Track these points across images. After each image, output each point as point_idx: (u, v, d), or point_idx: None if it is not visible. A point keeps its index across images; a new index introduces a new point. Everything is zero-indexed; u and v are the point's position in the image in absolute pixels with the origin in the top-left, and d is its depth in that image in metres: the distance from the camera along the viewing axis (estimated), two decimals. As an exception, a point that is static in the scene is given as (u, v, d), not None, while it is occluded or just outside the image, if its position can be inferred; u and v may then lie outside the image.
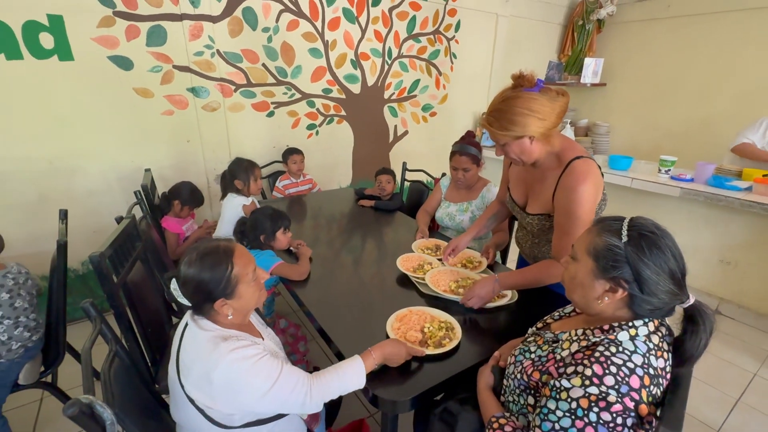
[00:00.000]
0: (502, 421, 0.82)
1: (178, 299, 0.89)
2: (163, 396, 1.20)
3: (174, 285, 0.90)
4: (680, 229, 2.58)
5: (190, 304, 0.90)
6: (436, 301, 1.32)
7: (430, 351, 1.03)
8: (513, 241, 1.65)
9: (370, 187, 2.51)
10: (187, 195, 2.12)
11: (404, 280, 1.47)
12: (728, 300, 2.53)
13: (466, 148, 1.80)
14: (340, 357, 1.04)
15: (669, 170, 2.61)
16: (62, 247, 1.46)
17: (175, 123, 2.35)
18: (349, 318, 1.25)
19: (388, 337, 1.09)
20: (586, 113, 4.34)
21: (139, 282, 1.42)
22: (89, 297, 2.25)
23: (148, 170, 2.20)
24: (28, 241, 2.06)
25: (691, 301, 0.71)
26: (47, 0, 1.89)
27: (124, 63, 2.13)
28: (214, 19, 2.32)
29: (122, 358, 0.95)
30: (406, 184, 2.70)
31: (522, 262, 1.58)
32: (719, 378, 2.00)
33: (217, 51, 2.38)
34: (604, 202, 1.26)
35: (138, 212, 1.81)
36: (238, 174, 1.99)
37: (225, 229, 1.94)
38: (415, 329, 1.13)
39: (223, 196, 2.08)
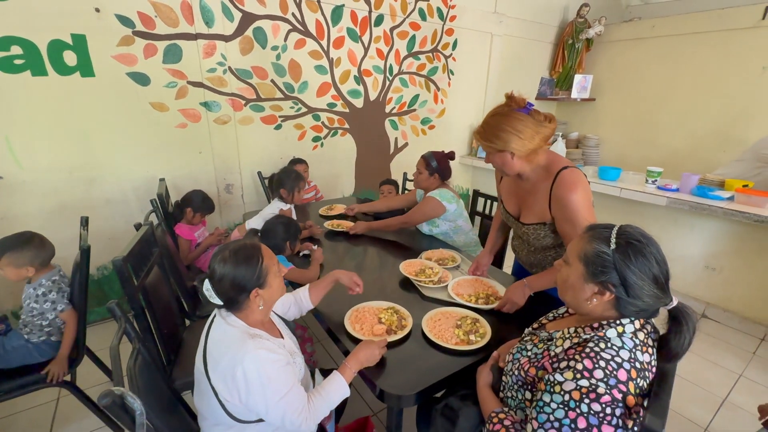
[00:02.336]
0: (501, 415, 0.90)
1: (210, 299, 0.96)
2: (182, 394, 1.29)
3: (207, 286, 0.96)
4: (667, 236, 2.72)
5: (221, 303, 0.97)
6: (438, 304, 1.42)
7: (398, 336, 1.17)
8: (509, 248, 1.76)
9: (372, 197, 2.64)
10: (199, 203, 2.23)
11: (406, 284, 1.57)
12: (714, 304, 2.65)
13: (430, 157, 2.02)
14: (347, 354, 1.11)
15: (656, 180, 2.75)
16: (85, 252, 1.54)
17: (188, 135, 2.47)
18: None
19: (347, 333, 1.21)
20: (576, 126, 4.52)
21: (156, 285, 1.50)
22: (104, 301, 2.35)
23: (162, 180, 2.30)
24: (47, 247, 2.14)
25: (674, 303, 0.78)
26: (72, 20, 2.02)
27: (141, 79, 2.26)
28: (226, 39, 2.46)
29: (144, 355, 1.02)
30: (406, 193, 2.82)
31: (519, 268, 1.68)
32: (706, 378, 2.10)
33: (229, 68, 2.51)
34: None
35: (153, 220, 1.90)
36: (285, 183, 2.05)
37: (257, 221, 1.99)
38: (374, 322, 1.24)
39: (270, 198, 2.16)
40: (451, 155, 2.04)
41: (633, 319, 0.80)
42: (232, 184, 2.73)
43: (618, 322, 0.80)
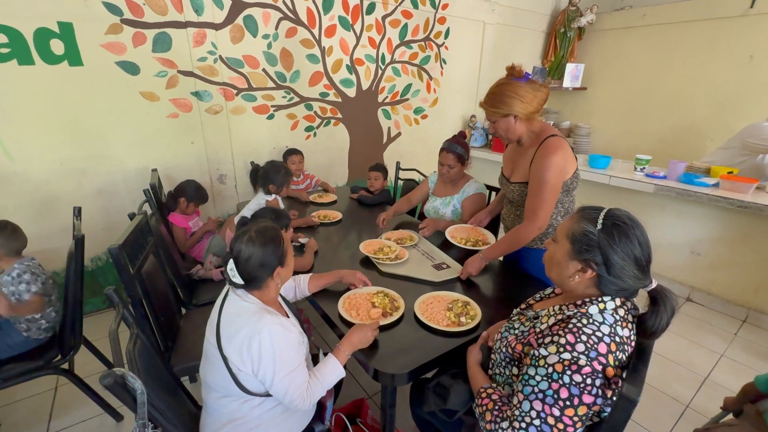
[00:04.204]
0: (490, 390, 0.94)
1: (233, 279, 1.00)
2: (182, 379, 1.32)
3: (231, 266, 1.00)
4: (654, 223, 2.79)
5: (242, 283, 1.01)
6: (395, 279, 1.53)
7: (394, 317, 1.22)
8: (500, 234, 1.81)
9: (364, 186, 2.66)
10: (193, 192, 2.23)
11: (367, 262, 1.66)
12: (699, 288, 2.73)
13: (453, 146, 1.96)
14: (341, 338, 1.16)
15: (644, 168, 2.80)
16: (80, 241, 1.55)
17: (179, 125, 2.46)
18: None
19: (342, 318, 1.25)
20: (567, 115, 4.56)
21: (152, 274, 1.52)
22: (99, 292, 2.36)
23: (154, 170, 2.30)
24: (40, 237, 2.14)
25: (653, 285, 0.83)
26: (58, 8, 1.98)
27: (131, 68, 2.23)
28: (216, 27, 2.44)
29: (143, 339, 1.04)
30: (399, 182, 2.84)
31: None
32: (690, 359, 2.18)
33: (220, 57, 2.49)
34: (576, 180, 1.46)
35: (147, 209, 1.91)
36: (274, 179, 2.04)
37: (244, 214, 2.02)
38: (369, 307, 1.28)
39: (255, 189, 2.14)
40: (462, 134, 2.05)
41: (614, 297, 0.83)
42: (225, 175, 2.73)
43: (600, 299, 0.84)
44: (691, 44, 3.62)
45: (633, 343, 0.83)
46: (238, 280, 1.00)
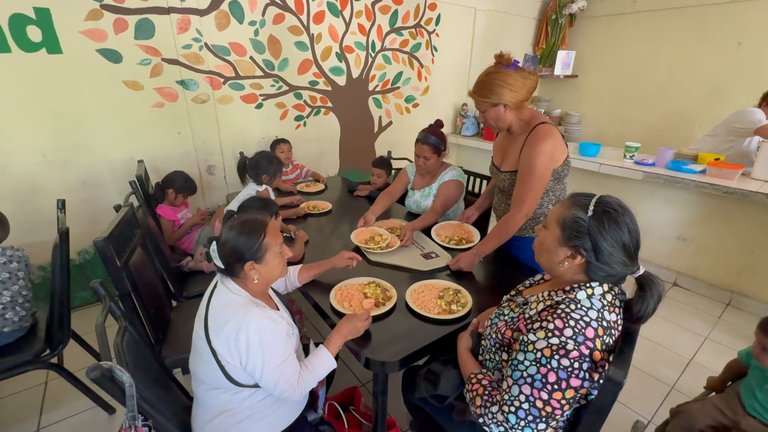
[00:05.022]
0: (480, 376, 0.95)
1: (215, 260, 1.01)
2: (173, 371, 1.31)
3: (213, 247, 1.01)
4: (643, 209, 2.82)
5: (223, 267, 1.01)
6: (384, 268, 1.53)
7: (386, 308, 1.21)
8: (490, 227, 1.81)
9: (355, 177, 2.63)
10: (181, 183, 2.19)
11: (357, 251, 1.65)
12: (684, 273, 2.79)
13: (427, 137, 1.90)
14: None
15: (633, 156, 2.83)
16: (64, 234, 1.52)
17: (165, 115, 2.40)
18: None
19: (334, 310, 1.24)
20: (558, 103, 4.56)
21: (140, 266, 1.50)
22: (86, 287, 2.33)
23: (141, 161, 2.25)
24: (23, 231, 2.09)
25: (641, 271, 0.84)
26: (34, -7, 1.91)
27: (113, 56, 2.17)
28: (201, 13, 2.37)
29: (131, 332, 1.03)
30: (393, 172, 2.82)
31: None
32: (674, 341, 2.24)
33: (205, 44, 2.43)
34: (567, 167, 1.46)
35: (134, 201, 1.87)
36: (267, 169, 2.02)
37: (233, 205, 2.00)
38: (361, 298, 1.28)
39: (243, 180, 2.10)
40: (439, 123, 2.01)
41: (601, 282, 0.84)
42: (214, 165, 2.69)
43: (588, 285, 0.84)
44: (680, 31, 3.63)
45: (620, 328, 0.84)
46: (219, 262, 1.01)
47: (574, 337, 0.78)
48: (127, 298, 1.31)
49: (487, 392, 0.90)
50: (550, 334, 0.79)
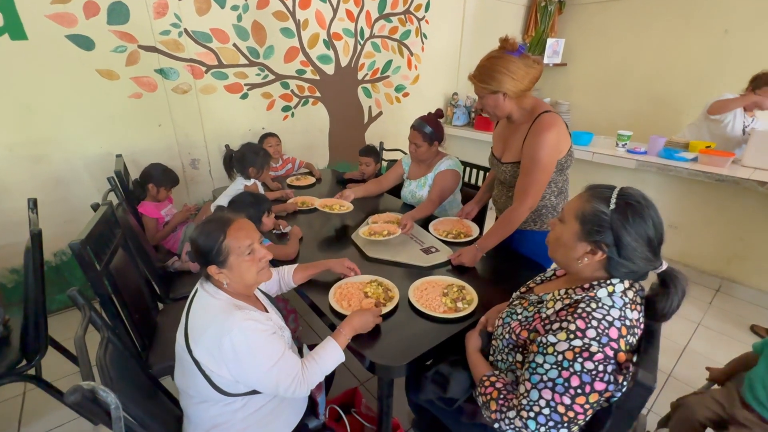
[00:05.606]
0: (493, 378, 0.91)
1: (191, 261, 0.95)
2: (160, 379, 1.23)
3: (188, 248, 0.94)
4: (635, 198, 2.83)
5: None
6: (383, 264, 1.47)
7: (387, 308, 1.14)
8: (487, 221, 1.77)
9: (345, 170, 2.54)
10: (160, 176, 2.06)
11: (356, 248, 1.60)
12: (676, 261, 2.82)
13: (422, 125, 1.86)
14: (333, 329, 1.09)
15: (625, 144, 2.82)
16: (36, 237, 1.40)
17: (144, 106, 2.26)
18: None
19: (333, 310, 1.18)
20: (548, 92, 4.54)
21: (122, 269, 1.40)
22: (64, 289, 2.20)
23: (119, 156, 2.12)
24: (-8, 233, 1.96)
25: (664, 267, 0.79)
26: (-8, -28, 1.75)
27: (84, 42, 2.01)
28: (179, -4, 2.23)
29: (115, 343, 0.95)
30: (384, 163, 2.75)
31: None
32: (669, 329, 2.25)
33: (185, 30, 2.29)
34: (571, 158, 1.41)
35: (113, 199, 1.76)
36: (254, 161, 1.92)
37: (221, 201, 1.91)
38: (361, 297, 1.22)
39: (229, 175, 1.99)
40: (439, 113, 1.95)
41: (622, 279, 0.80)
42: (198, 159, 2.56)
43: (608, 282, 0.80)
44: (667, 18, 3.63)
45: (642, 326, 0.80)
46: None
47: (597, 338, 0.73)
48: (110, 304, 1.22)
49: (502, 396, 0.85)
50: (572, 336, 0.75)
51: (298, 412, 1.08)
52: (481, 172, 2.22)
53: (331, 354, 1.00)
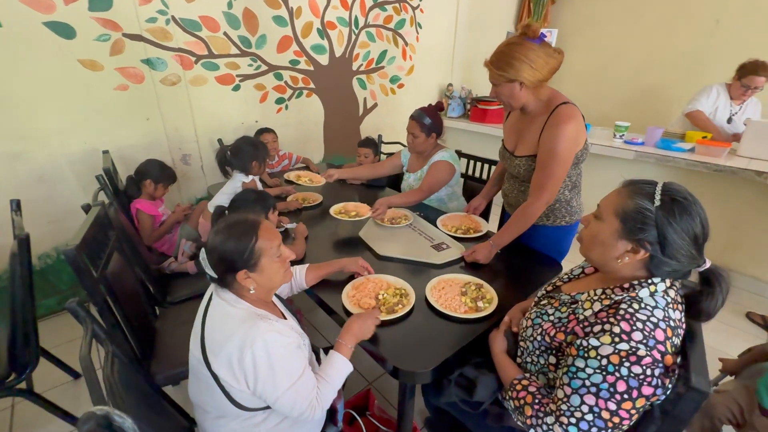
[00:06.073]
0: (525, 382, 0.87)
1: (206, 270, 0.87)
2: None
3: (203, 255, 0.87)
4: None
5: (216, 276, 0.88)
6: (395, 263, 1.42)
7: (383, 316, 1.07)
8: (492, 217, 1.74)
9: (342, 163, 2.47)
10: (158, 172, 1.95)
11: (366, 247, 1.55)
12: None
13: (421, 116, 1.82)
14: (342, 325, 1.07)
15: (623, 135, 2.82)
16: (24, 242, 1.30)
17: (131, 99, 2.14)
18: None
19: (344, 307, 1.14)
20: (542, 83, 4.52)
21: (118, 274, 1.31)
22: (50, 294, 2.09)
23: (106, 152, 2.00)
24: (-30, 237, 1.82)
25: (707, 265, 0.76)
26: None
27: (64, 30, 1.87)
28: (165, -19, 2.09)
29: (120, 357, 0.89)
30: (383, 156, 2.69)
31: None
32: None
33: (173, 17, 2.16)
34: (586, 151, 1.37)
35: (102, 199, 1.65)
36: (255, 156, 1.82)
37: (218, 199, 1.82)
38: (370, 296, 1.18)
39: (224, 172, 1.87)
40: (440, 106, 1.90)
41: (664, 278, 0.77)
42: (189, 154, 2.45)
43: (649, 281, 0.77)
44: (659, 8, 3.64)
45: (683, 326, 0.78)
46: (211, 272, 0.87)
47: (644, 341, 0.70)
48: (108, 314, 1.14)
49: (537, 400, 0.82)
50: (617, 339, 0.71)
51: (319, 422, 1.03)
52: (486, 165, 2.17)
53: (339, 370, 0.96)
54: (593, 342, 0.74)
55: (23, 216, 1.44)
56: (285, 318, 1.01)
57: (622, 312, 0.74)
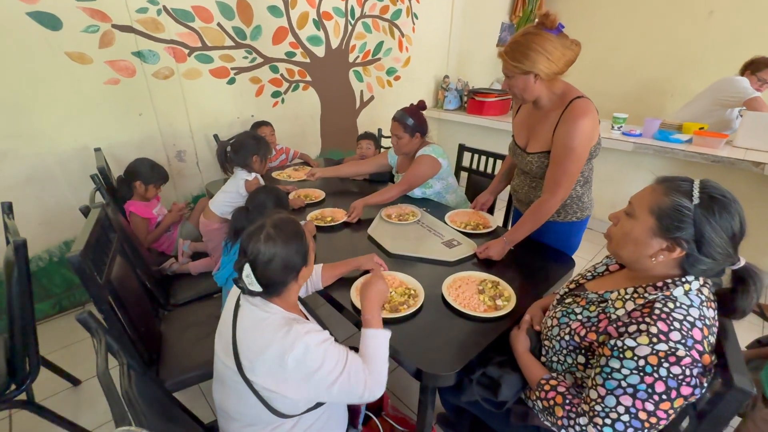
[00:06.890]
0: (553, 382, 0.86)
1: (249, 287, 0.82)
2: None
3: (247, 272, 0.81)
4: (628, 181, 2.86)
5: (260, 290, 0.83)
6: (406, 261, 1.40)
7: (384, 314, 1.06)
8: (497, 212, 1.72)
9: (339, 157, 2.43)
10: (148, 172, 1.88)
11: (375, 245, 1.52)
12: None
13: (403, 116, 1.78)
14: (355, 323, 1.07)
15: (621, 126, 2.83)
16: (22, 248, 1.24)
17: (122, 93, 2.05)
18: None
19: (352, 304, 1.14)
20: (537, 75, 4.51)
21: (122, 278, 1.25)
22: (42, 297, 2.00)
23: (98, 150, 1.92)
24: (-43, 241, 1.73)
25: (742, 263, 0.74)
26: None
27: (50, 21, 1.78)
28: (155, -31, 2.00)
29: (135, 368, 0.85)
30: (382, 150, 2.65)
31: (518, 216, 1.65)
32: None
33: (164, 8, 2.07)
34: (599, 146, 1.35)
35: (99, 199, 1.59)
36: (257, 150, 1.77)
37: (220, 198, 1.77)
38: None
39: (224, 169, 1.83)
40: (422, 105, 1.87)
41: (697, 276, 0.76)
42: (184, 151, 2.37)
43: (683, 279, 0.76)
44: (650, 1, 3.64)
45: (717, 323, 0.77)
46: (256, 287, 0.82)
47: (683, 341, 0.69)
48: (114, 321, 1.09)
49: (567, 401, 0.81)
50: (655, 339, 0.70)
51: (343, 424, 1.01)
52: (491, 160, 2.14)
53: (378, 344, 0.92)
54: (629, 342, 0.73)
55: (15, 218, 1.37)
56: (308, 319, 0.98)
57: (657, 311, 0.73)
